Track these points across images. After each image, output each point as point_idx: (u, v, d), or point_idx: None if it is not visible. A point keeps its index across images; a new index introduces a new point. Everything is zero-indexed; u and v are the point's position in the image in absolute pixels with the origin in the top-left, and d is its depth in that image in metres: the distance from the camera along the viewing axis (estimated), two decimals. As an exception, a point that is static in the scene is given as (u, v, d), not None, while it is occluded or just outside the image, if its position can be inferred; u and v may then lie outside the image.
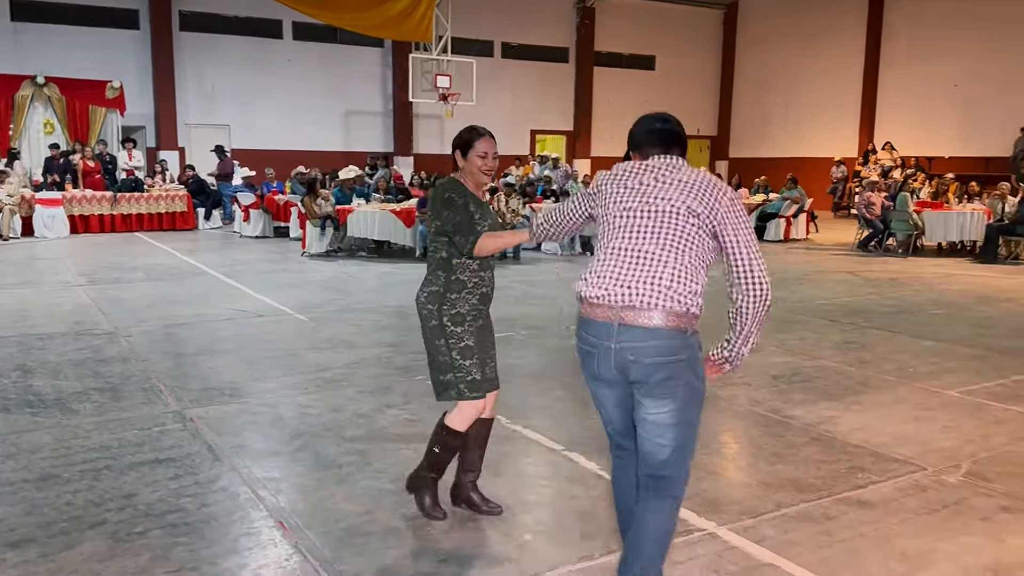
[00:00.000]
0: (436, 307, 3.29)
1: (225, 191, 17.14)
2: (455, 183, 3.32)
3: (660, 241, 2.53)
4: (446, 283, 3.28)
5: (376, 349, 6.65)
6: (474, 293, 3.32)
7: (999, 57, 19.00)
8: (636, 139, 2.79)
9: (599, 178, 2.79)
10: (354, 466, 4.12)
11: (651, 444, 2.57)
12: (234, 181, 17.25)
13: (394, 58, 20.84)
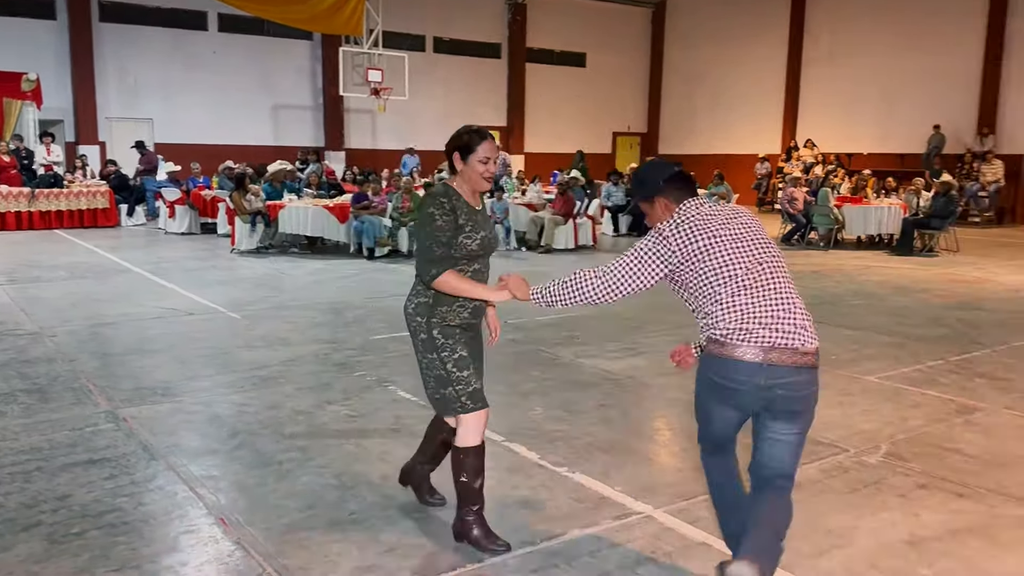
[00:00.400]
0: (425, 319, 3.09)
1: (149, 187, 16.67)
2: (447, 192, 3.08)
3: (786, 278, 2.75)
4: (436, 295, 3.08)
5: (313, 346, 6.61)
6: (466, 306, 3.12)
7: (914, 56, 19.82)
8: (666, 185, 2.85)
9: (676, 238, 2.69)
10: (295, 463, 4.11)
11: (779, 458, 2.74)
12: (158, 176, 16.79)
13: (324, 51, 20.57)
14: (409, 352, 6.27)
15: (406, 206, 12.38)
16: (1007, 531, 3.39)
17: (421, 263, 3.05)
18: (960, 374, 5.80)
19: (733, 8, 23.72)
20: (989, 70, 18.77)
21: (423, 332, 3.12)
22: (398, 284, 9.80)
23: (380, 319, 7.61)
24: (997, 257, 12.60)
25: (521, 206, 14.15)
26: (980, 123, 18.91)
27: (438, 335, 3.09)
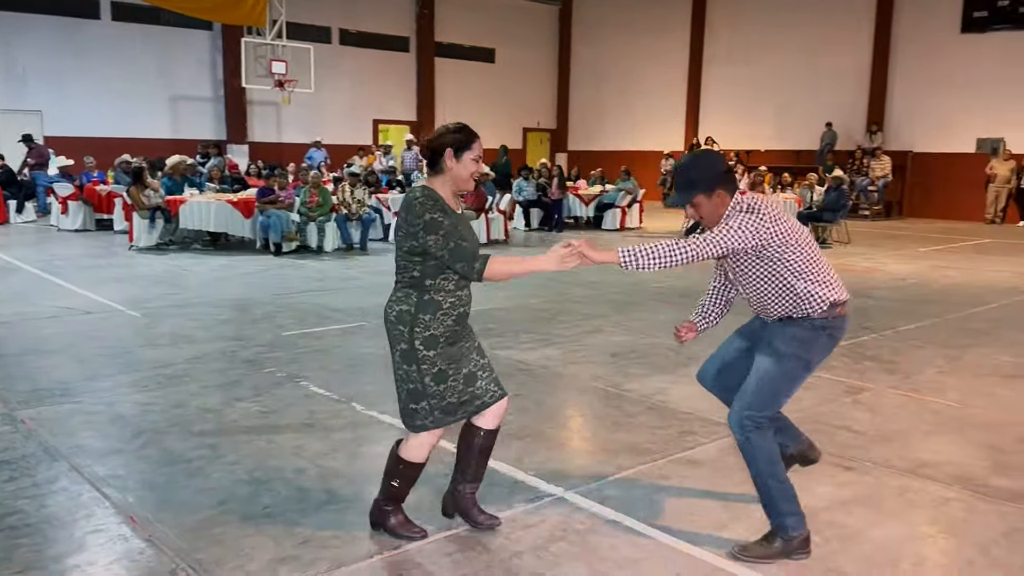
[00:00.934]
0: (407, 329, 2.94)
1: (40, 182, 15.87)
2: (431, 197, 2.93)
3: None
4: (418, 303, 2.95)
5: (219, 343, 6.48)
6: (450, 314, 2.98)
7: (808, 56, 20.71)
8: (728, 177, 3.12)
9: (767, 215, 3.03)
10: (205, 460, 4.05)
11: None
12: (49, 171, 16.00)
13: (225, 42, 19.99)
14: (321, 347, 6.30)
15: (314, 201, 12.21)
16: (889, 500, 3.66)
17: (463, 267, 2.89)
18: (850, 357, 6.16)
19: (636, 7, 24.25)
20: (877, 70, 19.80)
21: (404, 342, 2.97)
22: (307, 280, 9.68)
23: (289, 315, 7.51)
24: (885, 248, 13.35)
25: (431, 201, 14.12)
26: (869, 121, 19.93)
27: (420, 346, 2.95)
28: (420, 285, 2.96)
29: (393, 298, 3.03)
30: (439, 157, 2.97)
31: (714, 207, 3.08)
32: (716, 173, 3.07)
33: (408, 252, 2.95)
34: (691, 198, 3.11)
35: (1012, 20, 17.76)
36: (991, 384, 5.52)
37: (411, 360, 2.97)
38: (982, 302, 8.52)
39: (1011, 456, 4.19)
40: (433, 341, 2.96)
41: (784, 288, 3.10)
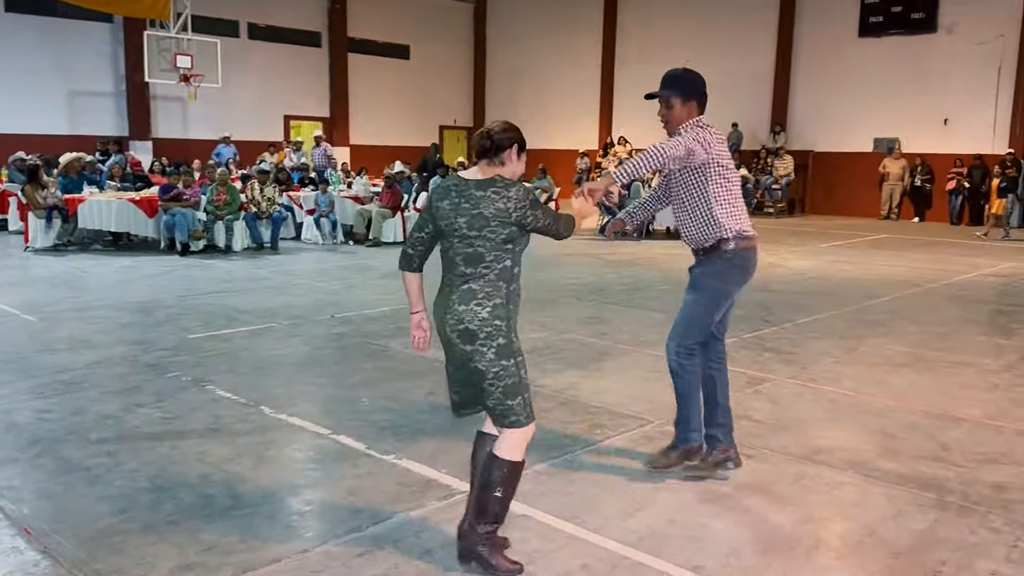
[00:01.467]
0: (504, 323, 2.86)
1: (-76, 179, 14.95)
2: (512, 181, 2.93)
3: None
4: (507, 295, 2.90)
5: (121, 348, 6.26)
6: (519, 302, 3.00)
7: (714, 58, 21.16)
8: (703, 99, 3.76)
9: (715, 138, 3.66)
10: (104, 468, 3.91)
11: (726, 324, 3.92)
12: (-65, 168, 15.10)
13: (126, 35, 19.21)
14: (228, 350, 6.15)
15: (221, 199, 11.89)
16: (785, 486, 3.82)
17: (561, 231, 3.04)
18: (752, 349, 6.39)
19: (550, 7, 24.45)
20: (780, 73, 20.50)
21: (501, 336, 2.85)
22: (214, 280, 9.43)
23: (195, 318, 7.31)
24: (787, 244, 13.86)
25: (347, 199, 13.97)
26: (773, 121, 20.63)
27: (514, 338, 2.89)
28: (510, 275, 2.92)
29: (477, 298, 2.86)
30: (502, 151, 2.95)
31: (680, 115, 3.70)
32: (699, 88, 3.73)
33: (504, 242, 2.87)
34: (670, 95, 3.72)
35: (905, 25, 18.65)
36: (883, 373, 5.81)
37: (508, 354, 2.86)
38: (876, 295, 8.95)
39: (899, 441, 4.43)
40: (516, 330, 2.95)
41: (703, 211, 3.68)
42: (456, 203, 2.89)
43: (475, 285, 2.88)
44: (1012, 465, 4.11)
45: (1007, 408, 5.05)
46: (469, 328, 2.85)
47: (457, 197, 2.90)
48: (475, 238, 2.86)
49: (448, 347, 2.97)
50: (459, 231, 2.88)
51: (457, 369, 2.97)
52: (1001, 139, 17.76)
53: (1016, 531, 3.38)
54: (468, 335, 2.86)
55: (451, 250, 2.93)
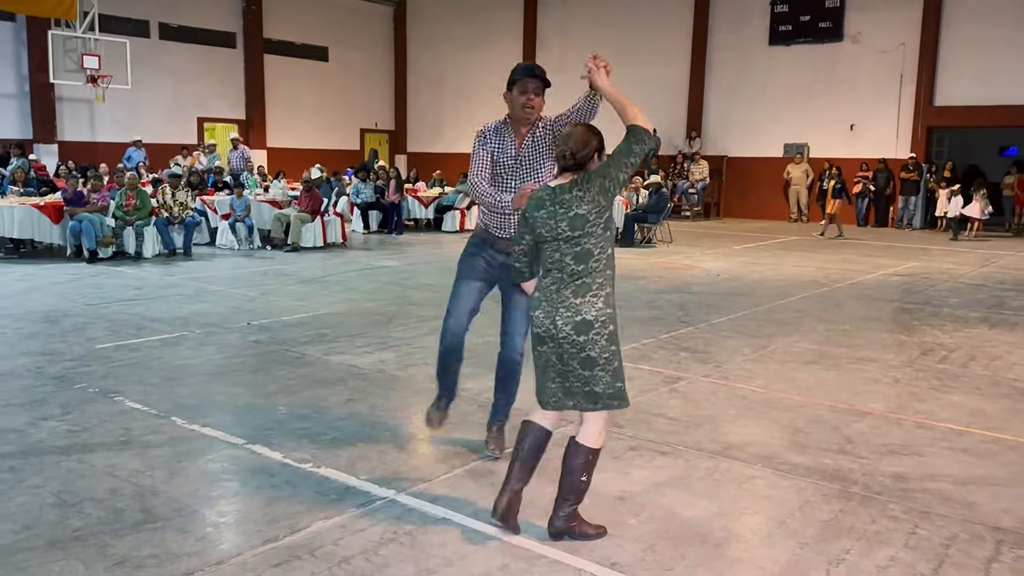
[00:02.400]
0: (614, 310, 3.13)
1: None
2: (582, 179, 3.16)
3: None
4: (612, 282, 3.16)
5: (23, 359, 5.99)
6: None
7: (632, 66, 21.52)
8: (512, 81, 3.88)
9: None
10: (6, 484, 3.75)
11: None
12: None
13: (29, 34, 18.39)
14: (138, 360, 5.97)
15: (131, 203, 11.51)
16: (699, 481, 3.93)
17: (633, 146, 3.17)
18: (668, 349, 6.54)
19: (470, 14, 24.50)
20: (695, 80, 21.06)
21: (612, 323, 3.11)
22: (123, 288, 9.11)
23: (103, 327, 7.06)
24: (703, 246, 14.24)
25: (264, 203, 13.70)
26: (688, 127, 21.16)
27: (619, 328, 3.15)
28: (612, 262, 3.17)
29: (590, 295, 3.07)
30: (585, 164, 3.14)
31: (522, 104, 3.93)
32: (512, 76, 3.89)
33: (603, 230, 3.10)
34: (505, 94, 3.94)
35: (813, 34, 19.39)
36: (792, 369, 6.03)
37: (615, 340, 3.13)
38: (786, 295, 9.28)
39: (807, 435, 4.61)
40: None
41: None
42: (553, 211, 3.11)
43: (588, 279, 3.09)
44: (911, 456, 4.32)
45: (907, 402, 5.31)
46: (587, 319, 3.06)
47: (552, 204, 3.12)
48: (580, 237, 3.08)
49: (553, 342, 3.13)
50: (563, 235, 3.10)
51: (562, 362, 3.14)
52: (904, 143, 18.66)
53: (914, 519, 3.56)
54: (585, 325, 3.06)
55: (558, 253, 3.13)
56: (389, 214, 15.97)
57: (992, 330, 7.58)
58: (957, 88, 17.88)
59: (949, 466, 4.18)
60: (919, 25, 18.00)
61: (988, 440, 4.59)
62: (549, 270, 3.18)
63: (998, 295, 9.57)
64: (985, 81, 17.42)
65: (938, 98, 18.18)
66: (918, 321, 7.94)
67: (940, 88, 18.14)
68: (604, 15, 22.09)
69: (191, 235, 12.07)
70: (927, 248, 14.46)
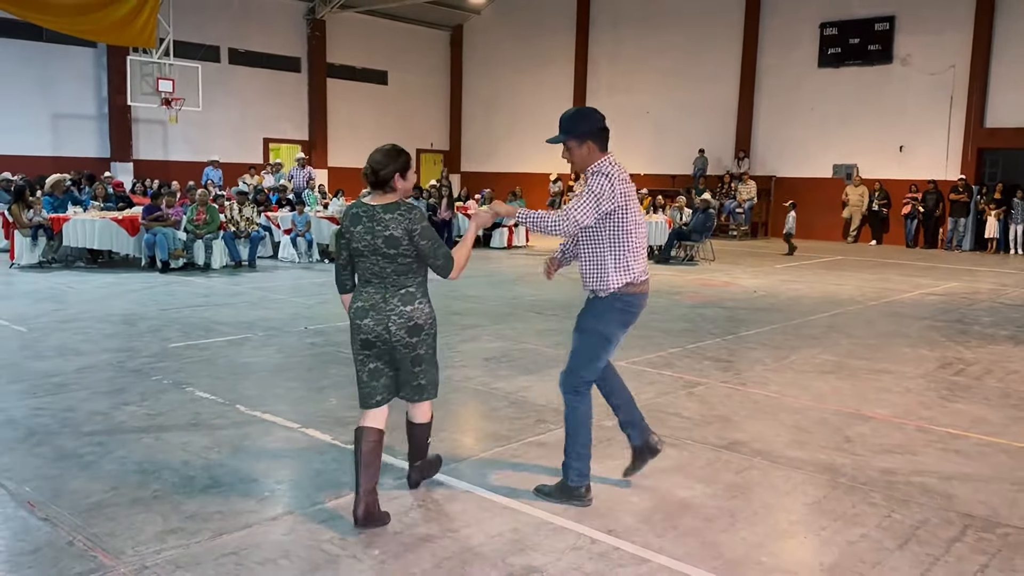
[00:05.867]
0: (433, 314, 3.63)
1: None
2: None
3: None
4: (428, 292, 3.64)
5: (106, 355, 6.70)
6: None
7: (681, 87, 22.12)
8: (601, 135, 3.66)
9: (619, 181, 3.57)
10: (96, 455, 4.37)
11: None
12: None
13: (109, 59, 19.69)
14: (207, 358, 6.63)
15: (201, 218, 12.35)
16: (700, 469, 4.35)
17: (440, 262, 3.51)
18: (692, 358, 6.94)
19: (523, 38, 25.23)
20: (744, 101, 21.33)
21: (435, 327, 3.63)
22: (193, 295, 9.87)
23: (176, 329, 7.76)
24: (744, 264, 14.51)
25: (324, 219, 14.47)
26: (737, 148, 21.41)
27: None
28: (425, 271, 3.59)
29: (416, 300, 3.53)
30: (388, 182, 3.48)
31: (581, 155, 3.66)
32: (592, 126, 3.63)
33: (418, 255, 3.48)
34: (565, 139, 3.69)
35: (862, 56, 19.53)
36: (808, 378, 6.38)
37: (435, 337, 3.67)
38: (819, 311, 9.56)
39: (809, 434, 4.98)
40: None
41: (594, 255, 3.72)
42: (370, 227, 3.42)
43: (412, 288, 3.53)
44: (905, 455, 4.66)
45: (914, 408, 5.62)
46: (418, 323, 3.52)
47: (370, 222, 3.42)
48: (396, 255, 3.43)
49: (382, 344, 3.50)
50: (380, 250, 3.42)
51: (390, 362, 3.58)
52: (953, 165, 18.62)
53: (892, 505, 3.92)
54: (416, 329, 3.52)
55: (376, 266, 3.46)
56: (440, 230, 16.61)
57: (1017, 347, 7.77)
58: (1008, 110, 17.82)
59: (938, 464, 4.51)
60: (969, 47, 18.01)
61: (982, 444, 4.89)
62: (370, 280, 3.51)
63: (1033, 315, 9.69)
64: (1037, 103, 17.35)
65: (989, 120, 18.13)
66: (944, 337, 8.16)
67: (991, 110, 18.10)
68: (654, 39, 22.54)
69: (256, 248, 12.87)
70: (973, 269, 14.48)
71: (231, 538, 3.41)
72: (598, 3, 23.78)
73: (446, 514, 3.70)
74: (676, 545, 3.43)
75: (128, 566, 3.15)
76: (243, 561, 3.22)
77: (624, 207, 3.62)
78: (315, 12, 23.27)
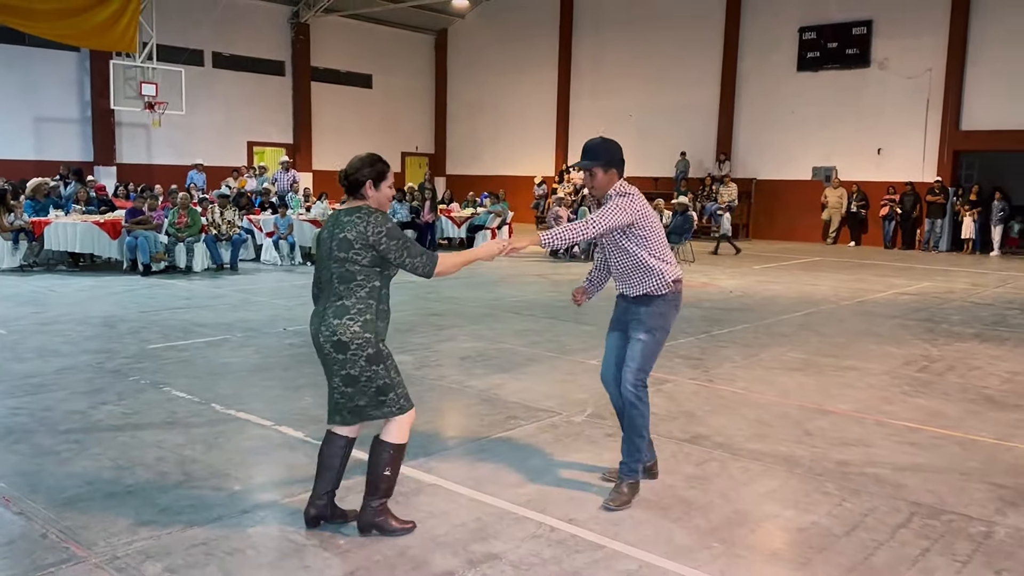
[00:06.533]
0: (373, 335, 3.31)
1: None
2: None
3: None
4: (378, 311, 3.36)
5: (85, 356, 6.78)
6: (387, 319, 3.46)
7: (663, 91, 22.32)
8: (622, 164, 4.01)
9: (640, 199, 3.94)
10: (72, 452, 4.46)
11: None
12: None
13: (92, 63, 19.69)
14: (185, 359, 6.72)
15: (183, 221, 12.42)
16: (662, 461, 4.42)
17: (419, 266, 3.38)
18: (664, 357, 6.99)
19: (510, 43, 25.37)
20: (725, 104, 21.55)
21: (371, 347, 3.30)
22: (174, 298, 9.94)
23: (155, 331, 7.84)
24: (723, 266, 14.69)
25: (306, 222, 14.55)
26: (718, 150, 21.63)
27: (383, 347, 3.36)
28: (378, 296, 3.36)
29: (349, 314, 3.29)
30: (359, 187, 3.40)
31: (603, 182, 3.97)
32: (617, 156, 3.99)
33: (370, 264, 3.31)
34: (592, 166, 3.96)
35: (840, 60, 19.78)
36: (775, 375, 6.53)
37: (378, 360, 3.33)
38: (792, 310, 9.73)
39: (770, 428, 5.13)
40: (385, 343, 3.42)
41: (640, 263, 3.96)
42: (331, 231, 3.37)
43: (348, 302, 3.32)
44: (861, 447, 4.81)
45: (875, 404, 5.78)
46: (341, 340, 3.29)
47: (333, 226, 3.38)
48: (344, 260, 3.30)
49: (320, 356, 3.40)
50: (332, 253, 3.33)
51: (330, 376, 3.40)
52: (930, 167, 18.89)
53: (844, 495, 4.07)
54: (341, 346, 3.30)
55: (328, 271, 3.36)
56: (423, 233, 16.72)
57: (982, 344, 7.95)
58: (983, 112, 18.10)
59: (892, 456, 4.67)
60: (945, 51, 18.28)
61: (937, 436, 5.05)
62: (322, 287, 3.43)
63: (1001, 313, 9.89)
64: (1011, 105, 17.62)
65: (964, 122, 18.41)
66: (912, 335, 8.34)
67: (966, 113, 18.37)
68: (636, 43, 22.73)
69: (238, 251, 12.95)
70: (948, 269, 14.71)
71: (201, 530, 3.52)
72: (581, 8, 23.97)
73: (412, 505, 3.82)
74: (631, 532, 3.57)
75: (100, 556, 3.25)
76: (212, 551, 3.33)
77: (646, 216, 3.95)
78: (299, 16, 23.34)
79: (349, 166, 3.42)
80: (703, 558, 3.35)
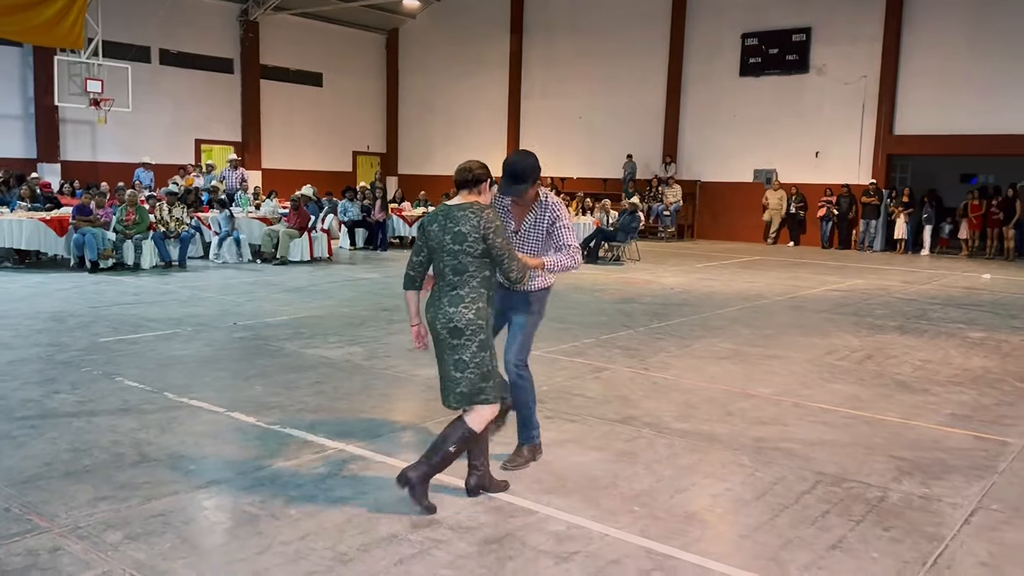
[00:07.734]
0: (484, 322, 3.62)
1: None
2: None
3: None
4: (488, 297, 3.67)
5: (36, 349, 6.87)
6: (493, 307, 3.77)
7: (611, 94, 22.82)
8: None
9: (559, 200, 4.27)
10: (29, 436, 4.62)
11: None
12: None
13: (36, 59, 19.40)
14: (136, 351, 6.86)
15: (131, 219, 12.42)
16: (594, 440, 4.81)
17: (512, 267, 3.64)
18: (603, 347, 7.43)
19: (461, 43, 25.63)
20: (671, 107, 22.12)
21: (483, 333, 3.62)
22: (123, 294, 10.00)
23: (105, 325, 7.94)
24: (667, 264, 15.17)
25: (255, 219, 14.62)
26: (664, 153, 22.19)
27: (491, 335, 3.70)
28: (489, 284, 3.69)
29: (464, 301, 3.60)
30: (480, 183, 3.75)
31: (534, 192, 4.17)
32: (539, 168, 4.11)
33: (482, 255, 3.60)
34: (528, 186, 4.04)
35: (781, 66, 20.47)
36: (705, 363, 6.93)
37: (486, 347, 3.65)
38: (727, 306, 10.19)
39: (696, 410, 5.50)
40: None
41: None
42: (443, 224, 3.63)
43: (462, 291, 3.62)
44: (776, 426, 5.21)
45: (794, 388, 6.20)
46: (457, 326, 3.60)
47: (444, 219, 3.64)
48: (459, 252, 3.59)
49: (436, 341, 3.72)
50: (446, 245, 3.61)
51: (442, 362, 3.71)
52: (865, 170, 19.67)
53: (757, 467, 4.45)
54: (456, 332, 3.61)
55: (441, 263, 3.66)
56: (374, 232, 16.89)
57: (902, 336, 8.48)
58: (915, 118, 18.92)
59: (805, 433, 5.07)
60: (879, 58, 19.07)
61: (849, 416, 5.48)
62: (436, 278, 3.73)
63: (924, 308, 10.48)
64: (941, 112, 18.46)
65: (897, 127, 19.21)
66: (836, 328, 8.84)
67: (899, 118, 19.18)
68: (586, 45, 23.18)
69: (186, 248, 12.98)
70: (880, 268, 15.40)
71: (159, 503, 3.74)
72: (532, 9, 24.34)
73: (362, 481, 4.08)
74: (562, 499, 3.88)
75: (62, 527, 3.45)
76: (170, 521, 3.55)
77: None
78: (248, 14, 23.27)
79: (472, 164, 3.75)
80: (625, 520, 3.68)
